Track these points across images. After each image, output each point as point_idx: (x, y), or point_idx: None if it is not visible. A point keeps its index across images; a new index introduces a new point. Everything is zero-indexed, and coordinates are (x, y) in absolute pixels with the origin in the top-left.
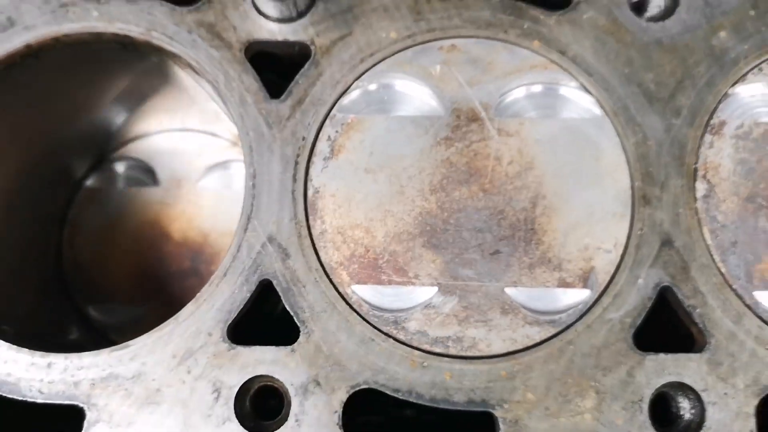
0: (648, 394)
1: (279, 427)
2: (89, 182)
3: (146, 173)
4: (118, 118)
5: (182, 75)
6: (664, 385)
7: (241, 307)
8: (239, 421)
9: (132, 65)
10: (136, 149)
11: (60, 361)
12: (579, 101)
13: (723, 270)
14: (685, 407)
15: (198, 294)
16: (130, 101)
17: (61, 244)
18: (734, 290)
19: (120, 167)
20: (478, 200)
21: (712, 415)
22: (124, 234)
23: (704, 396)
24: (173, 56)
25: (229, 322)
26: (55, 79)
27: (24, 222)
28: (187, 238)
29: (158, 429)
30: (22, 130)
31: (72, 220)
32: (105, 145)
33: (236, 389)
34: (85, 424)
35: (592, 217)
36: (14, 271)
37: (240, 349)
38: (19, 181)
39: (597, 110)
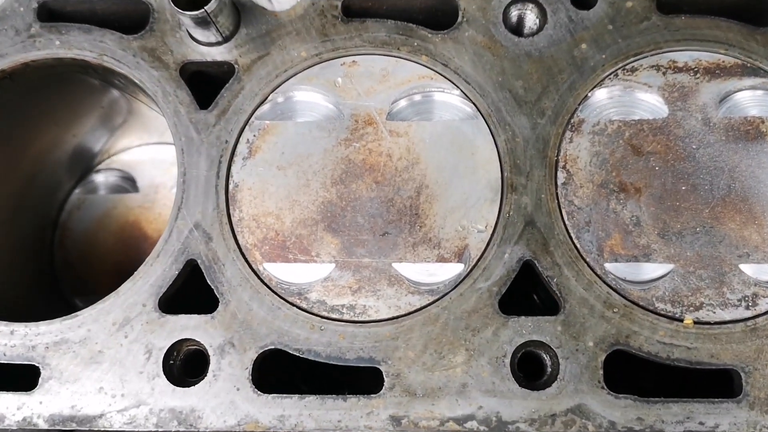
0: (510, 350)
1: (200, 382)
2: (78, 191)
3: (127, 181)
4: (101, 138)
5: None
6: (525, 344)
7: (171, 282)
8: (166, 377)
9: (104, 91)
10: (119, 161)
11: (21, 329)
12: (459, 105)
13: (578, 245)
14: (547, 362)
15: (135, 272)
16: (110, 123)
17: (53, 245)
18: (587, 262)
19: (104, 177)
20: (371, 191)
21: (565, 368)
22: (108, 234)
23: (559, 352)
24: (121, 76)
25: (160, 295)
26: (33, 99)
27: (22, 227)
28: None
29: (99, 384)
30: (14, 150)
31: (62, 223)
32: (91, 161)
33: (164, 350)
34: (40, 380)
35: (467, 202)
36: (12, 267)
37: (169, 317)
38: (18, 193)
39: (474, 113)
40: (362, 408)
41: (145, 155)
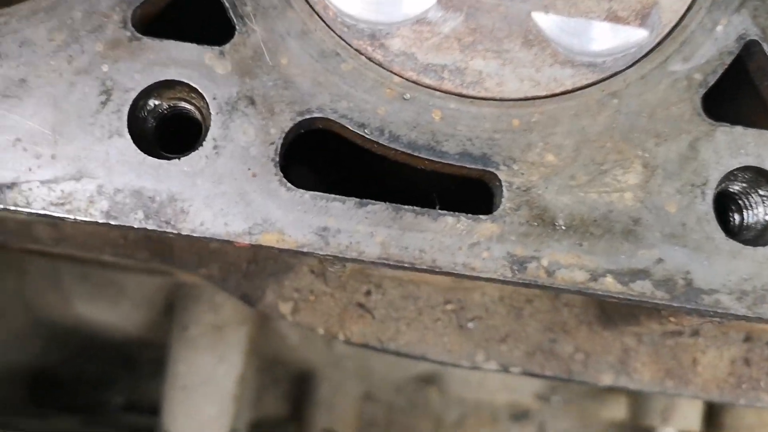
0: (715, 177)
1: (188, 154)
2: None
3: None
4: None
5: None
6: (737, 169)
7: None
8: (132, 137)
9: None
10: None
11: None
12: None
13: None
14: (762, 205)
15: None
16: None
17: None
18: None
19: None
20: None
21: None
22: None
23: None
24: None
25: (138, 4)
26: None
27: None
28: None
29: (13, 134)
30: None
31: None
32: None
33: (134, 94)
34: None
35: None
36: None
37: (147, 41)
38: None
39: None
40: (463, 235)
41: None
